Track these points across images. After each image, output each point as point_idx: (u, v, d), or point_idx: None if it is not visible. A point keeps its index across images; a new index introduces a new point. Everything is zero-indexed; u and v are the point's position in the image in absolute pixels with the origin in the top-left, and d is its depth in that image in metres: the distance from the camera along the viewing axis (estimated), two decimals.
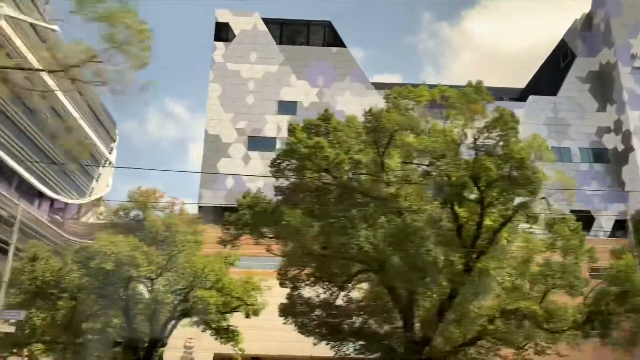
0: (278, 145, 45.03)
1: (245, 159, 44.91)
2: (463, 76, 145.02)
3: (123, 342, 29.27)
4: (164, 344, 30.76)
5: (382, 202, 18.78)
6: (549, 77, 55.84)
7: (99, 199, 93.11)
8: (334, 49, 49.25)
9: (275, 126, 46.32)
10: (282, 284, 23.08)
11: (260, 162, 42.85)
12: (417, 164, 19.95)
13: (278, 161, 19.81)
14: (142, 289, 30.00)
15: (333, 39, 49.55)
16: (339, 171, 18.55)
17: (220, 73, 47.32)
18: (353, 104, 45.10)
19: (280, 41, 49.18)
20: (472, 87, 19.53)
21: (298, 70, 47.95)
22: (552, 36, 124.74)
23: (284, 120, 46.11)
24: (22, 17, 66.92)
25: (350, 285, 22.20)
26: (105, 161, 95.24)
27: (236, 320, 30.63)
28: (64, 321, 26.67)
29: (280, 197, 20.39)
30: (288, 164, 19.13)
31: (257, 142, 45.43)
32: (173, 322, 30.40)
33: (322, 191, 18.94)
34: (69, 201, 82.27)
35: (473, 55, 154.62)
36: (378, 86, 48.70)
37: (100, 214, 29.49)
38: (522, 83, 62.83)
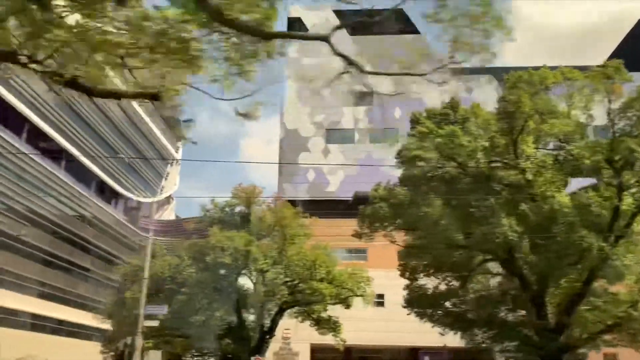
0: (357, 137, 45.02)
1: (325, 152, 45.21)
2: (520, 56, 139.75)
3: (232, 333, 30.33)
4: (272, 335, 31.69)
5: (518, 189, 18.43)
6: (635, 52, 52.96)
7: (169, 197, 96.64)
8: (409, 36, 48.55)
9: (352, 118, 46.33)
10: (402, 275, 23.15)
11: (339, 154, 42.91)
12: (552, 149, 19.45)
13: (405, 151, 19.80)
14: (247, 282, 30.97)
15: (406, 26, 48.87)
16: (473, 159, 18.34)
17: (295, 68, 47.76)
18: (431, 91, 44.46)
19: (352, 32, 48.96)
20: (612, 67, 18.72)
21: (372, 60, 47.55)
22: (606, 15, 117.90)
23: (361, 111, 46.05)
24: None
25: (473, 274, 21.97)
26: (173, 160, 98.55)
27: (331, 311, 31.06)
28: (179, 314, 27.76)
29: (407, 188, 20.32)
30: (419, 154, 19.00)
31: (335, 135, 45.61)
32: (279, 313, 31.25)
33: (456, 180, 18.77)
34: (143, 200, 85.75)
35: (525, 34, 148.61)
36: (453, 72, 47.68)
37: (207, 211, 30.48)
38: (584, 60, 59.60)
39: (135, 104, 79.04)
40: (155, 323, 22.19)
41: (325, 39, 7.48)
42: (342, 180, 43.59)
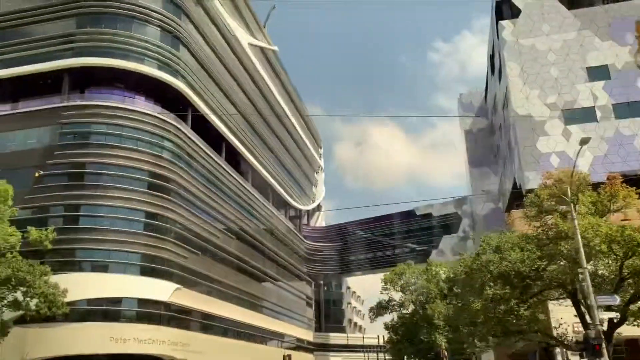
0: (599, 114, 41.51)
1: (565, 134, 42.13)
2: None
3: None
4: None
5: None
6: None
7: (319, 205, 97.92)
8: (637, 1, 44.49)
9: (590, 95, 42.87)
10: None
11: (582, 135, 39.60)
12: None
13: None
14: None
15: None
16: None
17: (514, 51, 45.34)
18: None
19: (570, 6, 45.81)
20: None
21: (600, 32, 44.11)
22: None
23: (598, 87, 42.53)
24: (257, 42, 72.10)
25: None
26: (319, 167, 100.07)
27: None
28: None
29: None
30: None
31: (573, 115, 42.43)
32: None
33: None
34: (303, 208, 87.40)
35: None
36: None
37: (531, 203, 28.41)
38: None
39: (288, 111, 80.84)
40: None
41: None
42: (591, 161, 40.27)
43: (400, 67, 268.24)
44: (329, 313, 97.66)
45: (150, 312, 42.46)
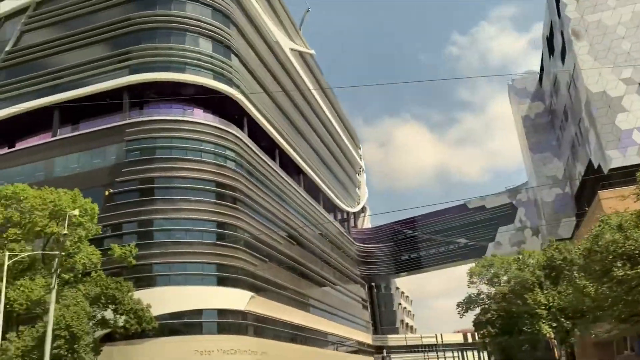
0: None
1: None
2: None
3: None
4: None
5: None
6: None
7: (363, 207, 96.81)
8: None
9: None
10: None
11: None
12: None
13: None
14: None
15: None
16: None
17: (581, 28, 43.64)
18: None
19: None
20: None
21: None
22: None
23: None
24: (297, 47, 71.80)
25: None
26: (360, 168, 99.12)
27: None
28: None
29: None
30: None
31: None
32: None
33: None
34: (351, 210, 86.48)
35: None
36: None
37: None
38: None
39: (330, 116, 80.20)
40: None
41: None
42: None
43: (420, 65, 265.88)
44: (381, 315, 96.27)
45: (230, 322, 42.10)
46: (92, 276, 33.98)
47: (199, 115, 46.07)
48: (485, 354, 49.07)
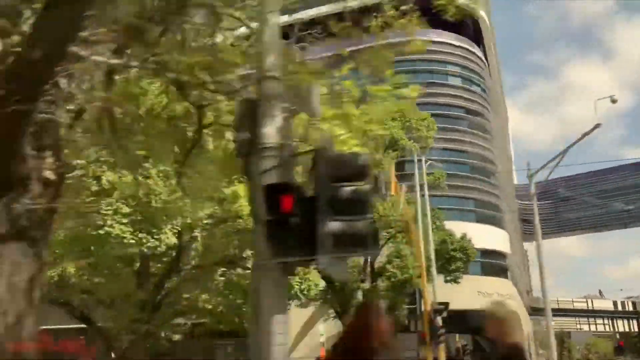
0: None
1: None
2: None
3: None
4: None
5: None
6: None
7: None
8: None
9: None
10: None
11: None
12: None
13: None
14: None
15: None
16: None
17: None
18: None
19: None
20: None
21: None
22: None
23: None
24: None
25: None
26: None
27: None
28: None
29: None
30: None
31: None
32: None
33: None
34: None
35: None
36: None
37: None
38: None
39: None
40: None
41: None
42: None
43: (496, 26, 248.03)
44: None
45: (494, 264, 37.76)
46: None
47: (444, 35, 40.93)
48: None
